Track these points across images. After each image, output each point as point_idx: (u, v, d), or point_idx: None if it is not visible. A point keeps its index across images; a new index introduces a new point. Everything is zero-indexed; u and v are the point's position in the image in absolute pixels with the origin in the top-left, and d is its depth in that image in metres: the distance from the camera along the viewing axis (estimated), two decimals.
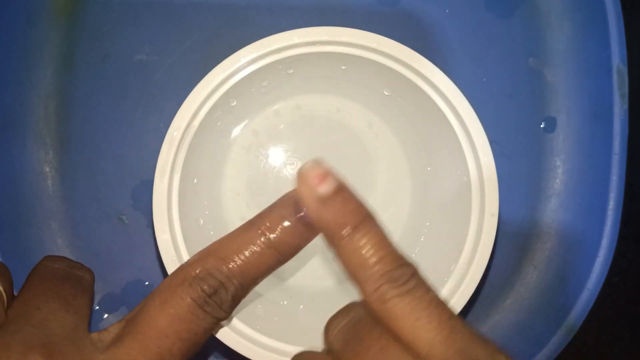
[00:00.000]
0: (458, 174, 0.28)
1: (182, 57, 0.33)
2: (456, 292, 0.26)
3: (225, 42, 0.33)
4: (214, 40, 0.33)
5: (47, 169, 0.33)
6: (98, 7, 0.33)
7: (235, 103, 0.29)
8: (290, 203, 0.23)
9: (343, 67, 0.28)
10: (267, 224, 0.23)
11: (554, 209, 0.32)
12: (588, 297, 0.31)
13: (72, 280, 0.25)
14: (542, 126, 0.33)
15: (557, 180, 0.33)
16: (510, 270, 0.32)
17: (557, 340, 0.31)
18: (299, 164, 0.30)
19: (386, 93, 0.29)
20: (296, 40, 0.27)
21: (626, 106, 0.31)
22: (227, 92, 0.27)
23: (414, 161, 0.30)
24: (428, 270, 0.28)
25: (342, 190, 0.20)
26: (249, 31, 0.33)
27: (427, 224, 0.30)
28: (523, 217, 0.32)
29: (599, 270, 0.31)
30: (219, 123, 0.29)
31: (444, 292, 0.26)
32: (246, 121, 0.30)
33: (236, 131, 0.30)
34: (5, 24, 0.33)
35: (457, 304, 0.26)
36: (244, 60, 0.27)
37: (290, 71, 0.28)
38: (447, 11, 0.33)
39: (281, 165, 0.30)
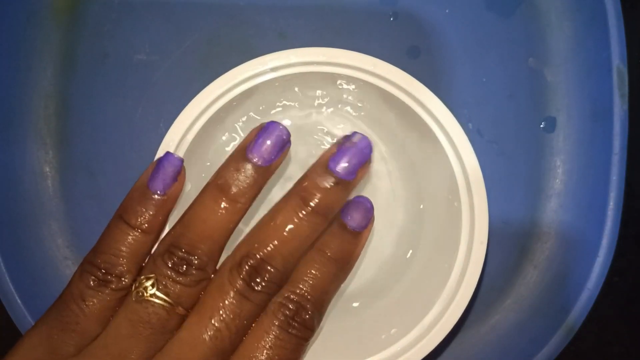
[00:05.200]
0: (449, 199, 0.28)
1: (182, 57, 0.33)
2: (457, 292, 0.26)
3: (225, 42, 0.33)
4: (214, 40, 0.33)
5: (47, 169, 0.33)
6: (98, 7, 0.33)
7: (229, 119, 0.29)
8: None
9: (340, 87, 0.29)
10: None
11: (554, 209, 0.32)
12: (588, 297, 0.31)
13: None
14: (542, 126, 0.33)
15: (557, 180, 0.33)
16: (510, 270, 0.32)
17: (557, 340, 0.31)
18: (293, 178, 0.31)
19: (381, 111, 0.29)
20: (293, 60, 0.27)
21: (626, 106, 0.31)
22: (221, 108, 0.27)
23: (406, 178, 0.31)
24: (428, 268, 0.28)
25: None
26: (249, 31, 0.33)
27: (424, 226, 0.30)
28: (523, 217, 0.32)
29: (599, 270, 0.31)
30: (214, 137, 0.29)
31: (445, 291, 0.26)
32: (241, 136, 0.30)
33: (231, 145, 0.30)
34: (5, 24, 0.33)
35: (457, 304, 0.26)
36: (240, 78, 0.27)
37: (287, 89, 0.28)
38: (447, 11, 0.33)
39: (276, 178, 0.30)
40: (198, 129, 0.27)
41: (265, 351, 0.22)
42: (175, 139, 0.26)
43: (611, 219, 0.31)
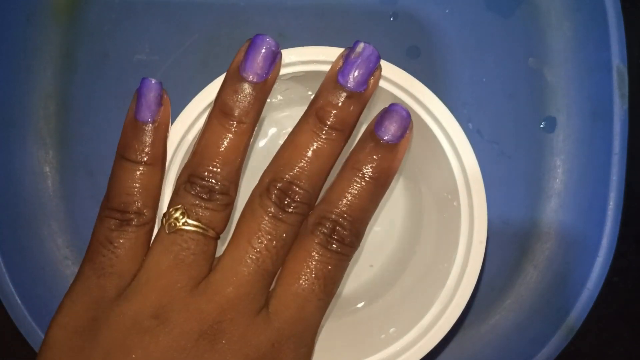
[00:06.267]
0: (449, 199, 0.28)
1: (182, 57, 0.33)
2: (456, 292, 0.26)
3: (225, 42, 0.33)
4: (214, 40, 0.33)
5: (47, 169, 0.33)
6: (98, 7, 0.33)
7: None
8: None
9: None
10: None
11: (554, 209, 0.32)
12: (588, 297, 0.31)
13: None
14: (542, 126, 0.33)
15: (557, 180, 0.33)
16: (510, 270, 0.32)
17: (557, 340, 0.31)
18: None
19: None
20: (293, 59, 0.27)
21: (626, 106, 0.31)
22: None
23: (405, 177, 0.30)
24: (428, 268, 0.28)
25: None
26: (249, 31, 0.33)
27: (423, 226, 0.30)
28: (523, 217, 0.32)
29: (599, 270, 0.31)
30: None
31: (444, 291, 0.26)
32: None
33: None
34: (5, 24, 0.33)
35: (456, 303, 0.26)
36: None
37: (287, 88, 0.28)
38: (447, 11, 0.33)
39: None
40: (199, 128, 0.27)
41: (307, 268, 0.23)
42: (176, 139, 0.26)
43: (611, 219, 0.31)
